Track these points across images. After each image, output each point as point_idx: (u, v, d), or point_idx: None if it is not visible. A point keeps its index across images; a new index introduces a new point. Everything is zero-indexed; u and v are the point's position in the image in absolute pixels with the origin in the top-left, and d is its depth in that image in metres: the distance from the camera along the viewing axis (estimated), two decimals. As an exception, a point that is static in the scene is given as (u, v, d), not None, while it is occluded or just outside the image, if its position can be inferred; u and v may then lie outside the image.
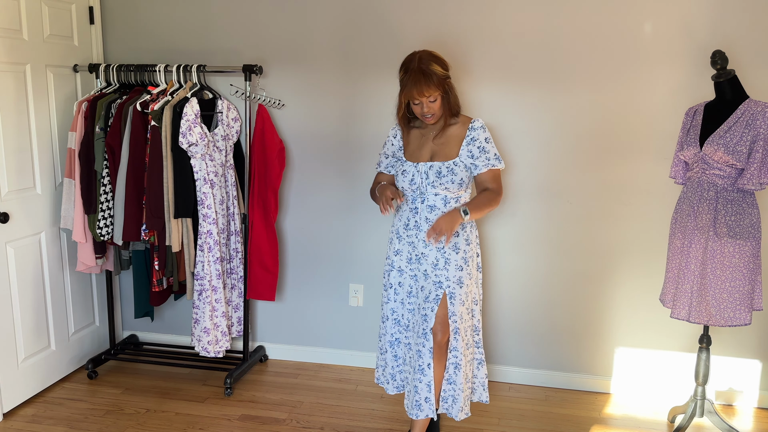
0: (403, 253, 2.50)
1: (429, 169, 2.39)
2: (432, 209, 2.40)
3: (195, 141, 2.77)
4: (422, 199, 2.41)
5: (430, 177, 2.38)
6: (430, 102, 2.33)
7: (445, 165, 2.38)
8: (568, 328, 3.09)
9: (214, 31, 3.14)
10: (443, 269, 2.41)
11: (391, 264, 2.54)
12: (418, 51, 2.37)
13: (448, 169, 2.38)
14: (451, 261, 2.41)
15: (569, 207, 2.98)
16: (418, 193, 2.41)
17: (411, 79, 2.30)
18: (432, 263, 2.42)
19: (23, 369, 2.86)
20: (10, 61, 2.69)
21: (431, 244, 2.40)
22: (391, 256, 2.54)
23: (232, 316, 3.14)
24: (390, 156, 2.56)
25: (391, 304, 2.56)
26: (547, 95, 2.90)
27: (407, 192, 2.44)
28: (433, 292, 2.41)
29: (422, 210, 2.42)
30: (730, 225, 2.36)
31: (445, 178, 2.37)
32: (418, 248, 2.45)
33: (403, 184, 2.44)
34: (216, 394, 3.01)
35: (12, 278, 2.77)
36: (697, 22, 2.71)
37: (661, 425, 2.81)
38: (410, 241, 2.47)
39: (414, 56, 2.35)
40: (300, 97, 3.13)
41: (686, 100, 2.76)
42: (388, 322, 2.58)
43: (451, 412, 2.47)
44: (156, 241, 2.88)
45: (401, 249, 2.51)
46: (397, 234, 2.52)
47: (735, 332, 2.91)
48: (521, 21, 2.86)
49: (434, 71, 2.30)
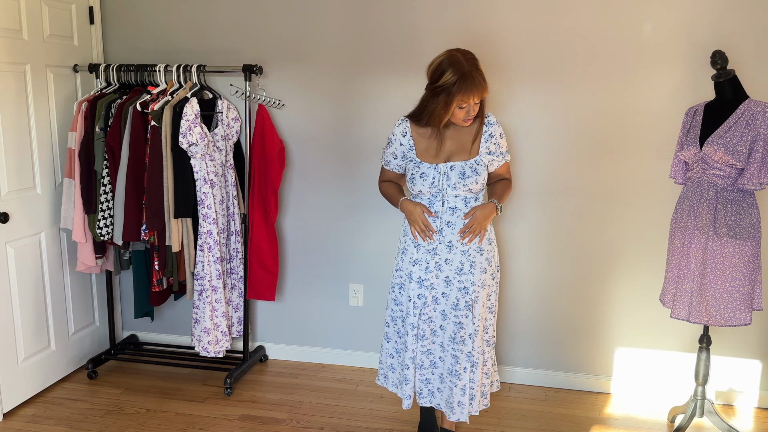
0: (423, 262, 2.36)
1: (450, 170, 2.29)
2: (453, 211, 2.31)
3: (195, 141, 2.77)
4: (442, 202, 2.32)
5: (451, 178, 2.28)
6: (475, 104, 2.21)
7: (468, 165, 2.29)
8: (568, 328, 3.09)
9: (214, 31, 3.14)
10: (468, 273, 2.34)
11: (409, 275, 2.38)
12: (454, 51, 2.22)
13: (471, 169, 2.29)
14: (476, 264, 2.35)
15: (569, 207, 2.98)
16: (438, 196, 2.31)
17: (468, 82, 2.14)
18: (456, 268, 2.34)
19: (23, 369, 2.86)
20: (10, 61, 2.69)
21: (465, 244, 2.32)
22: (408, 267, 2.39)
23: (232, 316, 3.14)
24: (398, 157, 2.40)
25: (410, 319, 2.38)
26: (547, 95, 2.90)
27: (425, 195, 2.33)
28: (461, 299, 2.35)
29: (443, 213, 2.32)
30: (730, 225, 2.36)
31: (469, 178, 2.28)
32: (441, 254, 2.34)
33: (421, 187, 2.31)
34: (216, 394, 3.01)
35: (12, 278, 2.76)
36: (697, 22, 2.71)
37: (661, 425, 2.81)
38: (431, 248, 2.35)
39: (458, 58, 2.18)
40: (300, 97, 3.13)
41: (686, 100, 2.76)
42: (409, 337, 2.39)
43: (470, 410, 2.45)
44: (156, 241, 2.88)
45: (420, 258, 2.37)
46: (415, 243, 2.38)
47: (735, 332, 2.91)
48: (521, 21, 2.86)
49: (482, 72, 2.19)
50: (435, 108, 2.23)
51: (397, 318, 2.46)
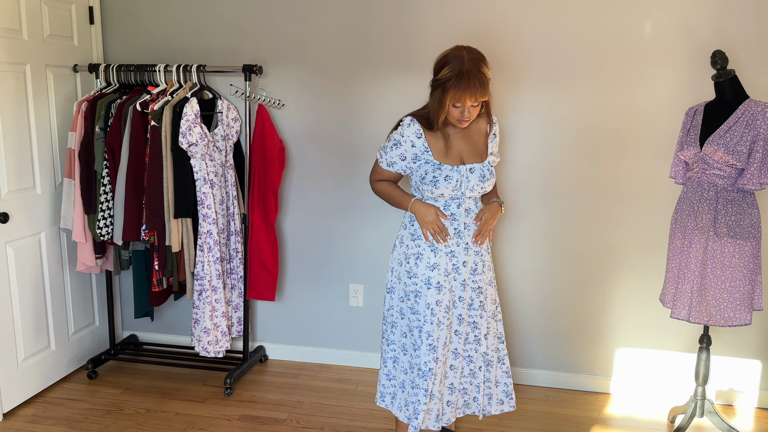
0: (441, 267, 2.27)
1: (470, 173, 2.23)
2: (468, 213, 2.28)
3: (195, 141, 2.77)
4: (458, 204, 2.26)
5: (471, 180, 2.23)
6: (473, 107, 2.14)
7: (485, 167, 2.26)
8: (568, 328, 3.09)
9: (214, 31, 3.14)
10: (481, 273, 2.34)
11: (428, 281, 2.26)
12: (461, 47, 2.14)
13: (489, 171, 2.27)
14: (487, 263, 2.37)
15: (569, 207, 2.98)
16: (457, 200, 2.26)
17: (464, 82, 2.07)
18: (471, 269, 2.32)
19: (23, 369, 2.86)
20: (10, 61, 2.69)
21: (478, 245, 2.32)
22: (425, 272, 2.27)
23: (232, 316, 3.14)
24: (407, 159, 2.26)
25: (426, 327, 2.26)
26: (547, 95, 2.90)
27: (444, 198, 2.25)
28: (476, 299, 2.34)
29: (461, 215, 2.27)
30: (730, 225, 2.36)
31: (488, 181, 2.26)
32: (459, 257, 2.29)
33: (444, 190, 2.22)
34: (216, 394, 3.01)
35: (12, 278, 2.76)
36: (697, 22, 2.71)
37: (661, 425, 2.81)
38: (449, 251, 2.28)
39: (461, 54, 2.10)
40: (300, 97, 3.13)
41: (686, 100, 2.76)
42: (422, 349, 2.27)
43: (489, 410, 2.46)
44: (156, 241, 2.88)
45: (438, 263, 2.27)
46: (432, 247, 2.28)
47: (735, 332, 2.91)
48: (520, 21, 2.86)
49: (485, 74, 2.11)
50: (432, 103, 2.18)
51: (414, 328, 2.31)
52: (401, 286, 2.34)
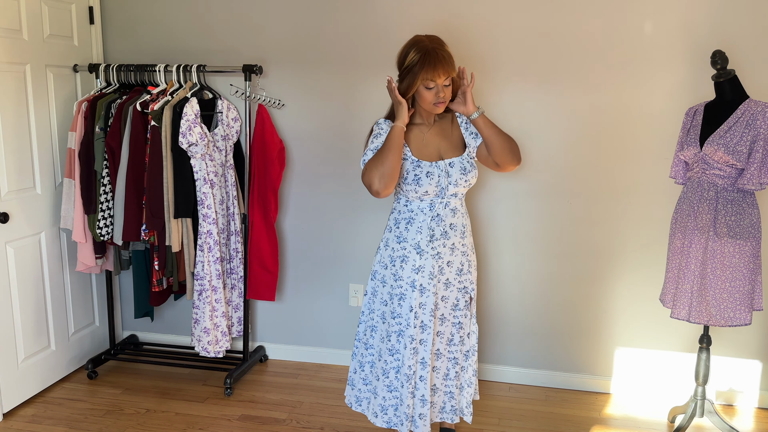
0: (426, 269, 2.25)
1: (450, 167, 2.22)
2: (454, 213, 2.26)
3: (195, 141, 2.77)
4: (443, 204, 2.24)
5: (452, 175, 2.21)
6: (445, 86, 2.15)
7: (465, 159, 2.25)
8: (568, 328, 3.09)
9: (214, 31, 3.14)
10: (467, 273, 2.32)
11: (412, 284, 2.24)
12: (419, 35, 2.21)
13: (470, 164, 2.25)
14: (472, 263, 2.35)
15: (569, 207, 2.98)
16: (440, 197, 2.23)
17: (430, 58, 2.09)
18: (457, 269, 2.29)
19: (23, 369, 2.86)
20: (10, 61, 2.69)
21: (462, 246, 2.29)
22: (410, 275, 2.24)
23: (232, 316, 3.14)
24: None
25: (409, 331, 2.24)
26: (546, 95, 2.90)
27: (429, 197, 2.22)
28: (461, 299, 2.32)
29: (445, 215, 2.25)
30: (730, 225, 2.36)
31: (470, 173, 2.24)
32: (444, 258, 2.26)
33: (428, 187, 2.20)
34: (216, 394, 3.01)
35: (12, 278, 2.77)
36: (697, 22, 2.71)
37: (661, 425, 2.81)
38: (435, 253, 2.25)
39: (421, 39, 2.17)
40: (300, 97, 3.13)
41: (686, 100, 2.76)
42: (406, 352, 2.25)
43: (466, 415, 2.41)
44: (156, 241, 2.88)
45: (424, 265, 2.24)
46: (417, 249, 2.24)
47: (735, 332, 2.91)
48: (520, 21, 2.86)
49: (448, 51, 2.16)
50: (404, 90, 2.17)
51: (393, 333, 2.29)
52: (386, 289, 2.32)
